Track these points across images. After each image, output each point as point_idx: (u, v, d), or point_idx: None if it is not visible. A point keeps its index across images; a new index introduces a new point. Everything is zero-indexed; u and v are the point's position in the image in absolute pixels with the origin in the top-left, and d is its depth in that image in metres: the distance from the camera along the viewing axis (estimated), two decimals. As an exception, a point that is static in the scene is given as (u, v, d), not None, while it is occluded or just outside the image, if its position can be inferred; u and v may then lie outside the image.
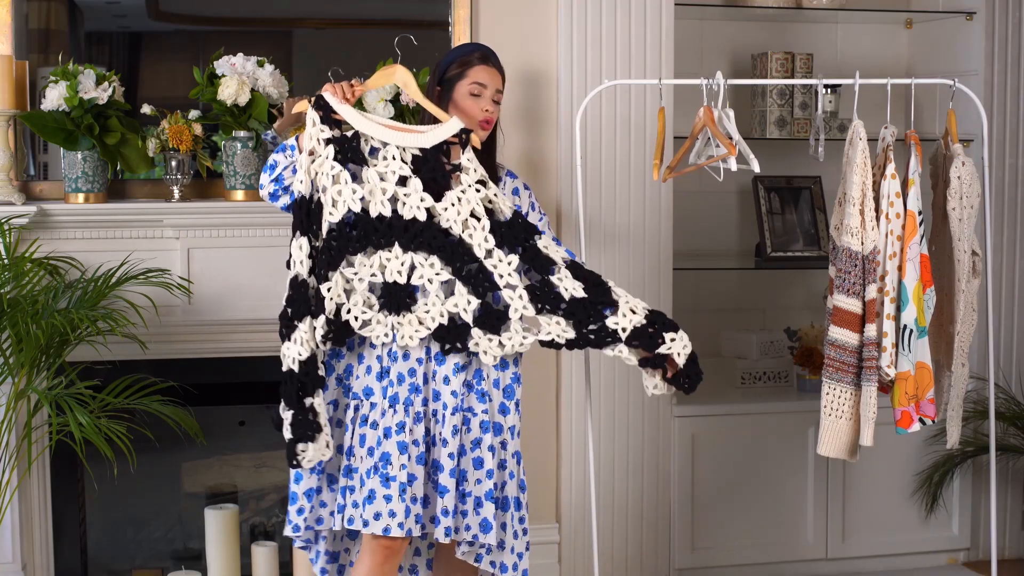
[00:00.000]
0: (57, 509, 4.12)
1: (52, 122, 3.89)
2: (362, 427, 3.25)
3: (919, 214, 3.44)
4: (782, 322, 4.95)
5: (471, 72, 3.30)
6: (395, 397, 3.22)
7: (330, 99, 3.19)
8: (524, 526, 3.33)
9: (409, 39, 3.86)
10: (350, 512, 3.21)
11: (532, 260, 3.23)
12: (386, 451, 3.20)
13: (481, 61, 3.32)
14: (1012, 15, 4.67)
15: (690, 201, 4.73)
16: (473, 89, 3.29)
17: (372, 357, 3.27)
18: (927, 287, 3.46)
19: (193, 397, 3.97)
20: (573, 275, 3.25)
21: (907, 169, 3.46)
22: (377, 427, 3.22)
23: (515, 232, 3.22)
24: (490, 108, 3.31)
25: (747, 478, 4.53)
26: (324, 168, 3.16)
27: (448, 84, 3.32)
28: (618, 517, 4.40)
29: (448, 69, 3.33)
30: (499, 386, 3.30)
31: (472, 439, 3.26)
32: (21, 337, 3.63)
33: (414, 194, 3.18)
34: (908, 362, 3.44)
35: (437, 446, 3.25)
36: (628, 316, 3.24)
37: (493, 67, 3.33)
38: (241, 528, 4.28)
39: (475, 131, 3.28)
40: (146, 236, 4.02)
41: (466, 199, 3.20)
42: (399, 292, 3.18)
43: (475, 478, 3.25)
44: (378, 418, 3.23)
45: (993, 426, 3.71)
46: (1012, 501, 4.77)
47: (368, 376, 3.26)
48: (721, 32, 4.88)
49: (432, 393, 3.25)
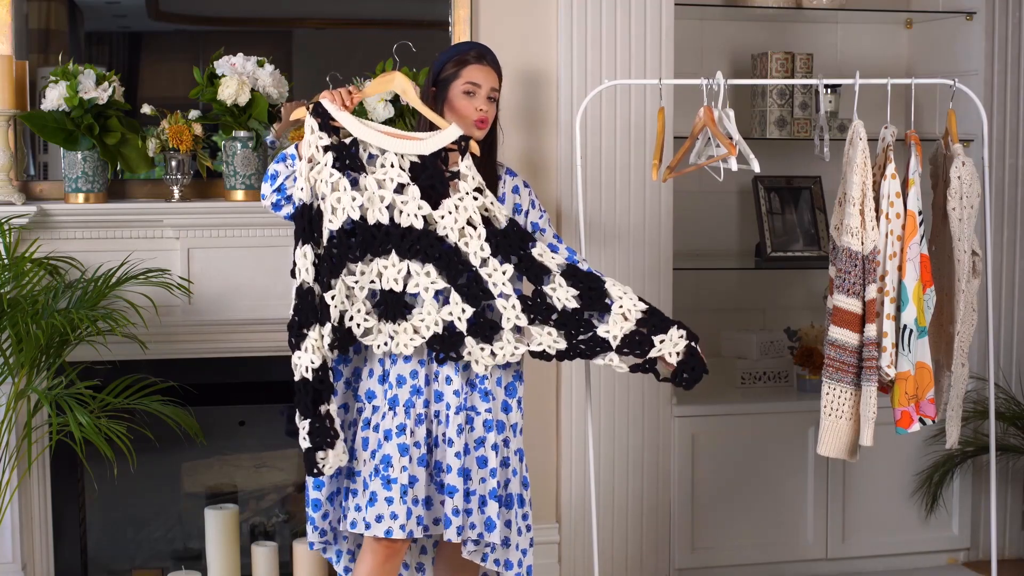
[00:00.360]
0: (57, 509, 4.12)
1: (52, 122, 3.89)
2: (364, 430, 3.25)
3: (919, 214, 3.44)
4: (782, 322, 4.95)
5: (465, 71, 3.29)
6: (395, 399, 3.22)
7: (328, 106, 3.18)
8: (528, 523, 3.33)
9: (408, 46, 3.86)
10: (353, 515, 3.22)
11: (527, 269, 3.24)
12: (387, 453, 3.20)
13: (476, 60, 3.30)
14: (1012, 15, 4.67)
15: (690, 201, 4.73)
16: (467, 88, 3.28)
17: (375, 361, 3.27)
18: (927, 287, 3.46)
19: (193, 397, 3.97)
20: (569, 282, 3.24)
21: (907, 169, 3.46)
22: (379, 429, 3.23)
23: (510, 241, 3.22)
24: (484, 107, 3.29)
25: (747, 478, 4.53)
26: (323, 175, 3.16)
27: (443, 84, 3.31)
28: (618, 517, 4.40)
29: (443, 69, 3.32)
30: (501, 384, 3.30)
31: (476, 438, 3.26)
32: (21, 337, 3.63)
33: (411, 201, 3.17)
34: (908, 362, 3.44)
35: (440, 447, 3.25)
36: (619, 323, 3.23)
37: (488, 66, 3.31)
38: (241, 528, 4.28)
39: (470, 131, 3.27)
40: (146, 236, 4.02)
41: (463, 207, 3.19)
42: (395, 300, 3.18)
43: (479, 477, 3.25)
44: (379, 421, 3.23)
45: (993, 426, 3.71)
46: (1012, 501, 4.77)
47: (371, 379, 3.27)
48: (721, 32, 4.88)
49: (434, 394, 3.25)
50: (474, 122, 3.28)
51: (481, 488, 3.25)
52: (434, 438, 3.25)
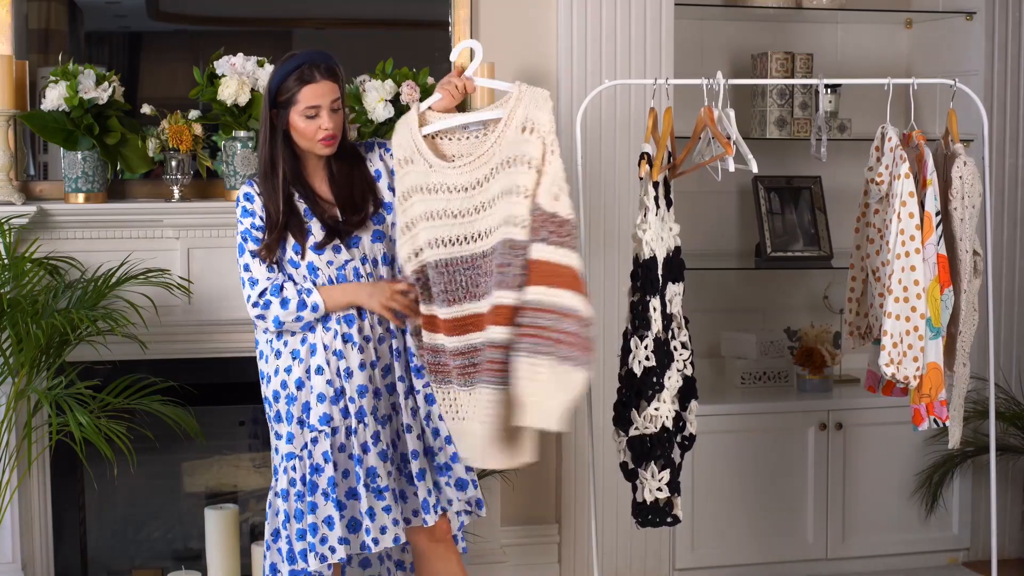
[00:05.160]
0: (57, 509, 4.11)
1: (52, 122, 3.89)
2: (328, 460, 3.24)
3: (936, 215, 3.44)
4: (782, 322, 4.95)
5: (302, 95, 3.17)
6: (361, 411, 3.24)
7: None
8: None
9: (406, 46, 3.85)
10: (361, 538, 3.25)
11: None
12: (371, 465, 3.23)
13: (310, 78, 3.17)
14: (1012, 15, 4.67)
15: (690, 201, 4.73)
16: (308, 112, 3.18)
17: (322, 385, 3.25)
18: (944, 288, 3.45)
19: (193, 397, 3.97)
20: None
21: (925, 169, 3.46)
22: (344, 449, 3.24)
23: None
24: (328, 125, 3.19)
25: (747, 478, 4.53)
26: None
27: (283, 107, 3.20)
28: (618, 517, 4.39)
29: (279, 92, 3.19)
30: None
31: (424, 414, 3.32)
32: (21, 337, 3.63)
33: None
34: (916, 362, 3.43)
35: (402, 438, 3.31)
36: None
37: (325, 78, 3.19)
38: (241, 528, 4.28)
39: (316, 150, 3.21)
40: (146, 236, 4.02)
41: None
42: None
43: (437, 446, 3.32)
44: (343, 440, 3.25)
45: (993, 426, 3.71)
46: (1012, 501, 4.77)
47: (322, 404, 3.25)
48: (721, 32, 4.88)
49: (387, 388, 3.31)
50: (319, 142, 3.20)
51: (441, 456, 3.33)
52: (395, 431, 3.31)
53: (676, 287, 3.45)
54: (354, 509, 3.25)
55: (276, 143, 3.22)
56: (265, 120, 3.23)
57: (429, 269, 3.16)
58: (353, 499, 3.25)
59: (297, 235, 3.21)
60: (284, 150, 3.22)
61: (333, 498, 3.20)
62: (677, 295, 3.45)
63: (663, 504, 3.40)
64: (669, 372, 3.34)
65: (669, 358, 3.36)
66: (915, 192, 3.42)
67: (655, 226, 3.35)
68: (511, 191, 3.00)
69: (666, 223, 3.43)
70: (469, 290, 3.10)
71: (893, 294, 3.42)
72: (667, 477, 3.36)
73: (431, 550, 3.38)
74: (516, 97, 3.08)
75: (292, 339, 3.26)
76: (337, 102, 3.21)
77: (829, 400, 4.64)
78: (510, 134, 3.05)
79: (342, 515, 3.22)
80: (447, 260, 3.12)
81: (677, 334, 3.43)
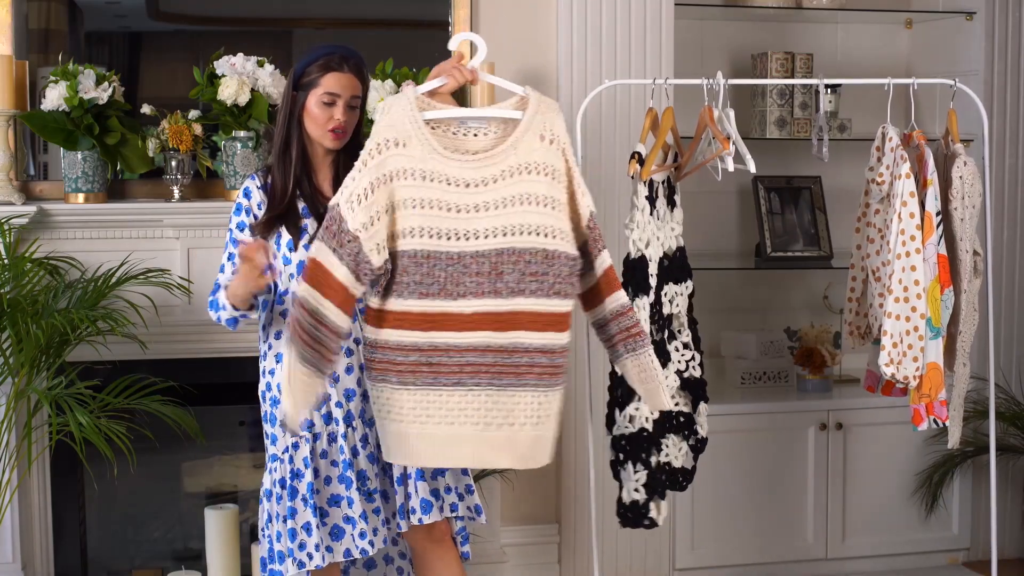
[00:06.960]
0: (57, 509, 4.12)
1: (52, 122, 3.89)
2: (307, 466, 3.20)
3: (937, 215, 3.44)
4: (782, 322, 4.95)
5: (325, 80, 3.16)
6: (349, 415, 3.23)
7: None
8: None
9: (405, 46, 3.84)
10: (346, 545, 3.21)
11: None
12: (362, 468, 3.22)
13: (338, 67, 3.17)
14: (1012, 15, 4.67)
15: (690, 201, 4.71)
16: (325, 99, 3.16)
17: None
18: (944, 288, 3.45)
19: (193, 397, 3.97)
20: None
21: (926, 169, 3.46)
22: (326, 456, 3.22)
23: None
24: (341, 117, 3.17)
25: (747, 478, 4.53)
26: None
27: (303, 89, 3.19)
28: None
29: (304, 72, 3.19)
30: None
31: None
32: (21, 337, 3.63)
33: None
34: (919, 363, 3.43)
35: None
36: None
37: (351, 72, 3.19)
38: (241, 528, 4.28)
39: (324, 140, 3.19)
40: (146, 236, 4.02)
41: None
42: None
43: None
44: (327, 446, 3.22)
45: (993, 426, 3.71)
46: (1012, 501, 4.77)
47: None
48: (721, 32, 4.88)
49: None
50: (328, 132, 3.18)
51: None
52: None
53: (677, 287, 3.43)
54: (337, 516, 3.20)
55: (292, 125, 3.21)
56: (286, 101, 3.21)
57: (404, 257, 2.95)
58: (335, 506, 3.21)
59: (292, 230, 3.20)
60: (296, 135, 3.22)
61: (312, 504, 3.16)
62: (679, 295, 3.44)
63: (641, 505, 3.40)
64: (665, 372, 3.32)
65: (664, 358, 3.35)
66: (916, 192, 3.42)
67: (643, 226, 3.34)
68: (532, 200, 2.92)
69: (667, 223, 3.42)
70: (445, 287, 2.94)
71: (893, 294, 3.42)
72: (644, 478, 3.34)
73: (429, 550, 3.37)
74: (535, 102, 2.99)
75: (276, 342, 3.24)
76: (357, 100, 3.20)
77: (829, 400, 4.64)
78: (529, 140, 2.98)
79: (323, 522, 3.18)
80: (429, 252, 2.94)
81: (678, 335, 3.42)
